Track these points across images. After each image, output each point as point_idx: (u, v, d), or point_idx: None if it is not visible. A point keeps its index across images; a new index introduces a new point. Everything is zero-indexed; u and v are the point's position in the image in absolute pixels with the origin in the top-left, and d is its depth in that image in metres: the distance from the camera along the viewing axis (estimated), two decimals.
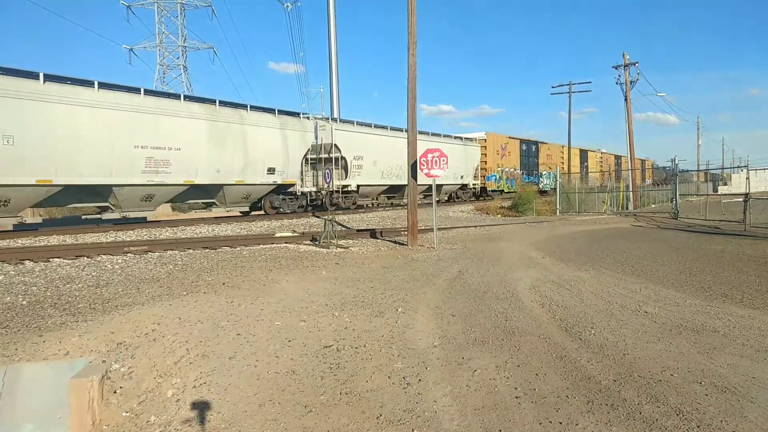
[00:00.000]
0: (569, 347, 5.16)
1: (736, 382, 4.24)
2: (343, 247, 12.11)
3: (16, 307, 6.37)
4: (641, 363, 4.70)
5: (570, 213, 25.42)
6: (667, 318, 6.13)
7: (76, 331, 5.26)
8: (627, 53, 29.80)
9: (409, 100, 12.54)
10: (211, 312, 6.18)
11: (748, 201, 16.96)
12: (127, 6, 49.23)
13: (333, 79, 27.81)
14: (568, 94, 34.45)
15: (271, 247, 11.97)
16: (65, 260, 9.50)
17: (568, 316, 6.25)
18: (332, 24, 28.05)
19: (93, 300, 6.73)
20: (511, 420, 3.76)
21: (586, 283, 8.16)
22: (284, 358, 4.98)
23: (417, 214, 12.85)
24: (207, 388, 4.42)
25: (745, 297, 7.19)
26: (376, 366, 4.78)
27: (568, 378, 4.43)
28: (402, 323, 5.99)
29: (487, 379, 4.45)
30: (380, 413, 3.94)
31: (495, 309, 6.57)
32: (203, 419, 4.00)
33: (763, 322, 5.95)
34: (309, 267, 9.60)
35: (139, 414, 4.22)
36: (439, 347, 5.22)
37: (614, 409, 3.84)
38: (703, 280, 8.41)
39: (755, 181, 24.87)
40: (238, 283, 7.97)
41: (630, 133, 29.30)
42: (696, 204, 26.97)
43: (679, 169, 27.17)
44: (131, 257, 10.05)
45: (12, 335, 5.24)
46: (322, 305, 6.70)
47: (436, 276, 8.74)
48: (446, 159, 12.46)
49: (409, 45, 12.37)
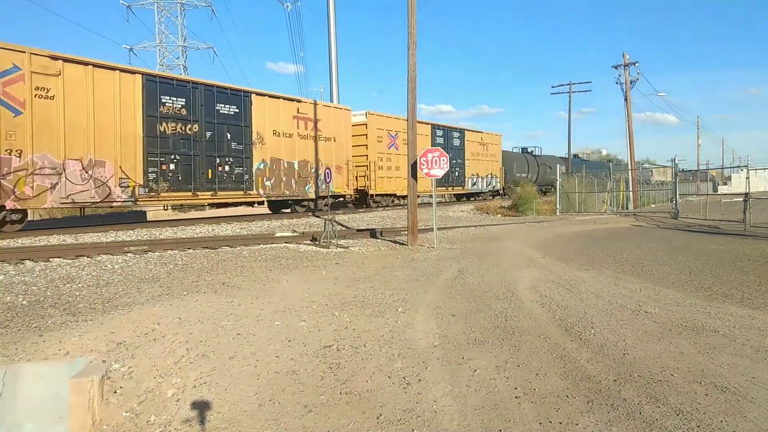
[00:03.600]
0: (569, 347, 5.16)
1: (736, 382, 4.24)
2: (343, 247, 12.11)
3: (17, 306, 6.37)
4: (641, 363, 4.71)
5: (570, 213, 25.41)
6: (667, 318, 6.13)
7: (76, 331, 5.26)
8: (627, 53, 29.86)
9: (409, 100, 12.54)
10: (211, 312, 6.18)
11: (748, 201, 16.97)
12: (127, 6, 49.24)
13: (333, 79, 27.77)
14: (567, 94, 34.48)
15: (271, 247, 11.97)
16: (65, 260, 9.50)
17: (568, 315, 6.25)
18: (332, 24, 28.02)
19: (93, 300, 6.73)
20: (511, 420, 3.76)
21: (586, 282, 8.16)
22: (284, 357, 4.98)
23: (417, 214, 12.85)
24: (207, 387, 4.42)
25: (745, 297, 7.19)
26: (376, 366, 4.79)
27: (568, 378, 4.43)
28: (402, 323, 5.99)
29: (487, 379, 4.45)
30: (380, 413, 3.94)
31: (495, 309, 6.57)
32: (203, 419, 4.00)
33: (763, 322, 5.95)
34: (309, 267, 9.60)
35: (139, 414, 4.23)
36: (439, 347, 5.22)
37: (614, 409, 3.84)
38: (703, 279, 8.41)
39: (755, 180, 24.88)
40: (238, 282, 7.97)
41: (630, 133, 29.32)
42: (696, 204, 26.98)
43: (679, 169, 27.17)
44: (131, 257, 10.05)
45: (12, 335, 5.24)
46: (322, 305, 6.70)
47: (436, 276, 8.74)
48: (446, 159, 12.45)
49: (409, 45, 12.37)
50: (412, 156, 12.74)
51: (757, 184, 29.04)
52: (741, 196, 19.23)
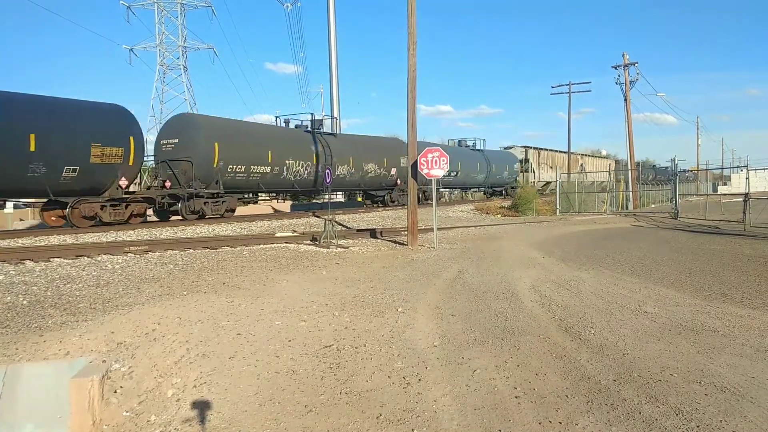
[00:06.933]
0: (569, 347, 5.17)
1: (735, 382, 4.24)
2: (343, 247, 12.12)
3: (17, 306, 6.38)
4: (641, 363, 4.71)
5: (570, 213, 25.42)
6: (667, 318, 6.13)
7: (76, 331, 5.26)
8: (627, 53, 29.86)
9: (409, 101, 12.54)
10: (212, 312, 6.19)
11: (748, 201, 16.98)
12: (127, 6, 49.33)
13: (333, 79, 27.81)
14: (567, 95, 34.47)
15: (271, 247, 11.97)
16: (66, 260, 9.50)
17: (568, 315, 6.26)
18: (332, 24, 28.06)
19: (93, 300, 6.74)
20: (511, 420, 3.77)
21: (586, 282, 8.17)
22: (284, 357, 4.99)
23: (417, 214, 12.86)
24: (207, 387, 4.43)
25: (744, 297, 7.19)
26: (376, 366, 4.79)
27: (567, 378, 4.43)
28: (402, 323, 5.99)
29: (487, 378, 4.46)
30: (380, 413, 3.95)
31: (495, 309, 6.58)
32: (203, 419, 4.00)
33: (763, 322, 5.95)
34: (309, 267, 9.61)
35: (140, 414, 4.23)
36: (439, 347, 5.23)
37: (614, 409, 3.85)
38: (702, 279, 8.41)
39: (755, 180, 24.89)
40: (238, 282, 7.98)
41: (630, 133, 29.37)
42: (696, 204, 26.99)
43: (679, 169, 27.19)
44: (131, 257, 10.06)
45: (12, 335, 5.24)
46: (322, 305, 6.70)
47: (436, 276, 8.75)
48: (446, 159, 12.47)
49: (409, 45, 12.37)
50: (412, 156, 12.75)
51: (757, 184, 29.04)
52: (740, 196, 19.24)
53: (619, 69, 29.82)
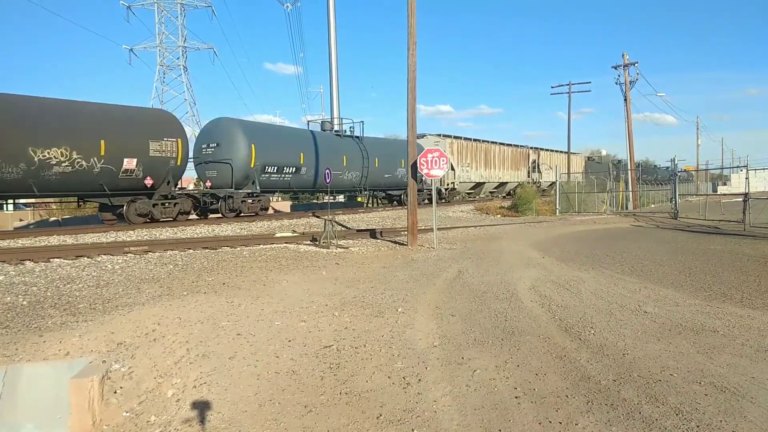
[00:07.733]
0: (569, 347, 5.16)
1: (735, 382, 4.24)
2: (343, 247, 12.12)
3: (17, 307, 6.38)
4: (641, 363, 4.71)
5: (570, 213, 25.42)
6: (667, 318, 6.13)
7: (76, 331, 5.26)
8: (626, 53, 29.85)
9: (409, 101, 12.55)
10: (212, 312, 6.19)
11: (748, 201, 16.98)
12: (127, 6, 49.35)
13: (333, 79, 27.74)
14: (567, 95, 34.46)
15: (271, 247, 11.97)
16: (65, 260, 9.50)
17: (568, 316, 6.26)
18: (332, 24, 28.00)
19: (93, 300, 6.73)
20: (511, 420, 3.76)
21: (586, 282, 8.17)
22: (284, 358, 4.99)
23: (417, 214, 12.86)
24: (207, 388, 4.43)
25: (744, 297, 7.19)
26: (376, 366, 4.79)
27: (567, 378, 4.43)
28: (402, 323, 5.99)
29: (487, 379, 4.46)
30: (380, 413, 3.95)
31: (495, 309, 6.58)
32: (203, 419, 4.00)
33: (762, 322, 5.95)
34: (309, 267, 9.61)
35: (140, 414, 4.23)
36: (439, 347, 5.22)
37: (614, 409, 3.85)
38: (702, 279, 8.41)
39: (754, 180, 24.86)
40: (238, 283, 7.98)
41: (630, 133, 29.35)
42: (695, 204, 26.98)
43: (679, 169, 27.19)
44: (131, 257, 10.05)
45: (12, 335, 5.24)
46: (322, 305, 6.70)
47: (436, 276, 8.75)
48: (446, 159, 12.48)
49: (409, 46, 12.37)
50: (412, 156, 12.75)
51: (757, 184, 28.95)
52: (740, 196, 19.24)
53: (619, 69, 29.81)
